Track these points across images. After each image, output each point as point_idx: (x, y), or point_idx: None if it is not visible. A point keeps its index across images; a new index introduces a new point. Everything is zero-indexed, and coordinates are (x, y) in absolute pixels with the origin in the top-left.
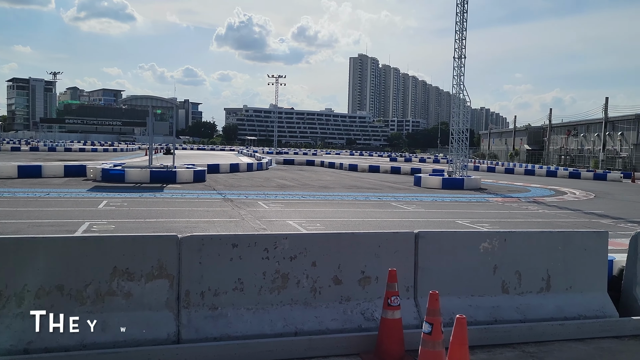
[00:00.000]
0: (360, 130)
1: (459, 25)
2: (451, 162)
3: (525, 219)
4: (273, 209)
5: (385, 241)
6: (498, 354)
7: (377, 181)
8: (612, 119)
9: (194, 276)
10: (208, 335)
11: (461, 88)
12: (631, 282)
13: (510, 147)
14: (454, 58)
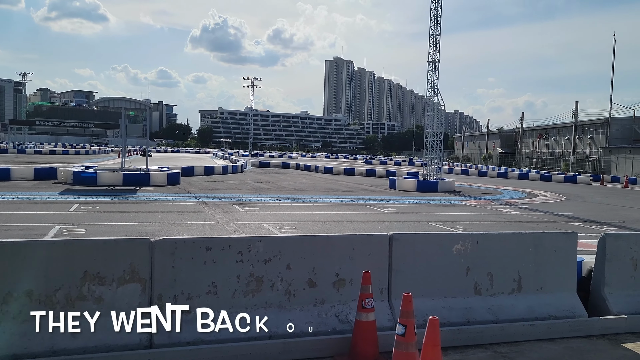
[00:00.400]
0: (336, 133)
1: (433, 29)
2: (426, 164)
3: (498, 221)
4: (248, 212)
5: (360, 243)
6: (471, 355)
7: (352, 184)
8: (582, 123)
9: (166, 280)
10: (181, 340)
11: (435, 92)
12: (599, 283)
13: (484, 150)
14: (428, 62)
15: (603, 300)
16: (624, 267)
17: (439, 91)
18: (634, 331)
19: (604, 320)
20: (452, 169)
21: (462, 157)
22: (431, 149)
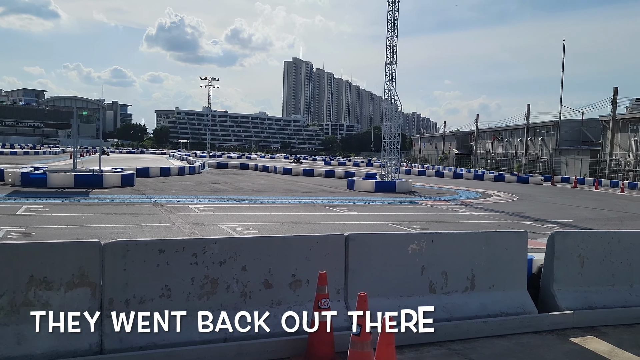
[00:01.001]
0: (295, 134)
1: (391, 31)
2: (384, 165)
3: (453, 221)
4: (205, 214)
5: (316, 244)
6: (425, 353)
7: (311, 185)
8: (534, 125)
9: (118, 284)
10: (133, 345)
11: (393, 93)
12: (549, 280)
13: (440, 151)
14: (385, 64)
15: (552, 296)
16: (572, 264)
17: (396, 93)
18: (581, 326)
19: (552, 316)
20: (409, 170)
21: (420, 158)
22: (389, 150)
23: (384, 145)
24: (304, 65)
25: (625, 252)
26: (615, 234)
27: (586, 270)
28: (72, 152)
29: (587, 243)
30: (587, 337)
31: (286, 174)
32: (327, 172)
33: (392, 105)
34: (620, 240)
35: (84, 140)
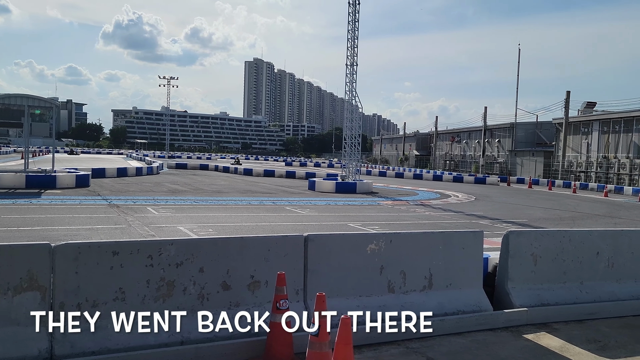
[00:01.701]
0: (256, 135)
1: (351, 33)
2: (344, 166)
3: (412, 221)
4: (163, 215)
5: (275, 245)
6: (384, 352)
7: (272, 185)
8: (491, 127)
9: (69, 287)
10: (85, 350)
11: (353, 94)
12: (504, 278)
13: (401, 152)
14: (346, 65)
15: (507, 294)
16: (526, 263)
17: (357, 94)
18: (534, 322)
19: (507, 313)
20: (370, 171)
21: (380, 159)
22: (350, 150)
23: (345, 146)
24: (265, 66)
25: (576, 250)
26: (566, 232)
27: (539, 269)
28: (24, 152)
29: (540, 242)
30: (540, 334)
31: (247, 175)
32: (288, 172)
33: (352, 106)
34: (571, 239)
35: (36, 140)
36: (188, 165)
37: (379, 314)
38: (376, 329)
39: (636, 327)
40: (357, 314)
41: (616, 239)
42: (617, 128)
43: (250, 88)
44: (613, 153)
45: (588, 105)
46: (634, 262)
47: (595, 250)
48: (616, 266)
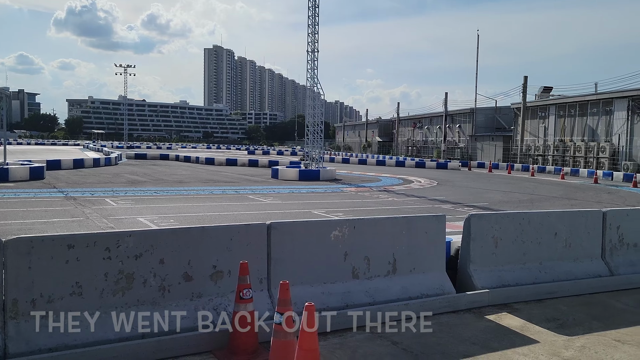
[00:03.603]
0: (218, 123)
1: (312, 19)
2: (308, 154)
3: (376, 207)
4: (122, 206)
5: (237, 234)
6: (349, 337)
7: (234, 174)
8: (451, 112)
9: (22, 283)
10: (42, 347)
11: (315, 81)
12: (466, 261)
13: (363, 139)
14: (307, 52)
15: (469, 276)
16: (487, 245)
17: (318, 81)
18: (495, 303)
19: (469, 295)
20: (333, 158)
21: (343, 146)
22: (312, 138)
23: (308, 134)
24: (225, 53)
25: (535, 231)
26: (525, 214)
27: (500, 250)
28: None
29: (500, 224)
30: (501, 314)
31: (209, 164)
32: (251, 161)
33: (314, 93)
34: (530, 221)
35: None
36: (148, 155)
37: (344, 300)
38: (342, 315)
39: (592, 304)
40: (322, 300)
41: (573, 219)
42: (572, 112)
43: (210, 76)
44: (569, 136)
45: (544, 90)
46: (589, 242)
47: (553, 231)
48: (573, 246)
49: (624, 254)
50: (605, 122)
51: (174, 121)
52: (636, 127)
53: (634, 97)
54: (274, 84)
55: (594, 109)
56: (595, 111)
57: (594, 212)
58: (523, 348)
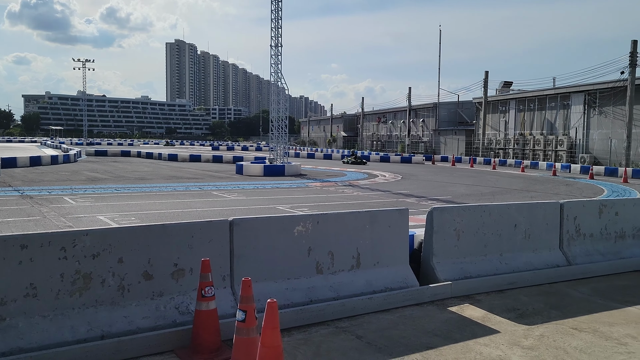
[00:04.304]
0: (181, 119)
1: (275, 14)
2: (272, 149)
3: (341, 202)
4: (81, 205)
5: (199, 231)
6: (314, 332)
7: (198, 170)
8: (415, 107)
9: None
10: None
11: (279, 76)
12: (429, 254)
13: (328, 133)
14: (271, 46)
15: (432, 269)
16: (449, 238)
17: (282, 76)
18: (458, 295)
19: (432, 287)
20: (298, 153)
21: (308, 141)
22: (277, 133)
23: (272, 129)
24: (188, 48)
25: (495, 223)
26: (486, 207)
27: (462, 243)
28: None
29: (462, 217)
30: (464, 305)
31: (172, 160)
32: (215, 157)
33: (279, 88)
34: (491, 213)
35: None
36: (108, 152)
37: (308, 296)
38: (305, 311)
39: (551, 294)
40: (286, 296)
41: (532, 211)
42: (531, 106)
43: (172, 71)
44: (529, 130)
45: (505, 85)
46: (548, 233)
47: (513, 223)
48: (532, 237)
49: (580, 244)
50: (563, 116)
51: (135, 117)
52: (592, 120)
53: (590, 92)
54: (238, 79)
55: (552, 103)
56: (553, 105)
57: (552, 204)
58: (484, 338)
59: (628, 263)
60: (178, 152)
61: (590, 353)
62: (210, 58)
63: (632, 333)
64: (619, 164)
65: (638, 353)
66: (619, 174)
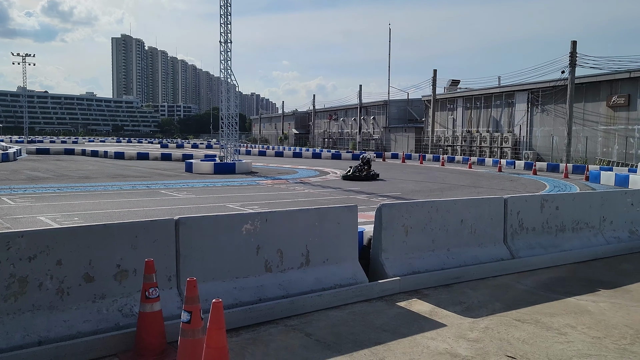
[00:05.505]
0: (128, 116)
1: (224, 9)
2: (223, 147)
3: (292, 199)
4: (20, 205)
5: (143, 230)
6: (263, 332)
7: (146, 169)
8: (366, 104)
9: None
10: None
11: (229, 73)
12: (378, 250)
13: (280, 131)
14: (220, 42)
15: (381, 265)
16: (398, 234)
17: (232, 73)
18: (406, 290)
19: (381, 283)
20: (249, 150)
21: (260, 139)
22: (227, 130)
23: (223, 126)
24: (135, 43)
25: (442, 219)
26: (434, 203)
27: (410, 239)
28: None
29: (410, 213)
30: (412, 300)
31: (118, 159)
32: (164, 155)
33: (229, 85)
34: (438, 209)
35: None
36: (51, 150)
37: (257, 294)
38: (254, 310)
39: (495, 287)
40: (234, 296)
41: (478, 206)
42: (478, 104)
43: (119, 67)
44: (475, 127)
45: (453, 83)
46: (492, 227)
47: (459, 218)
48: (478, 232)
49: (523, 238)
50: (507, 114)
51: (80, 114)
52: (535, 118)
53: (533, 90)
54: (187, 76)
55: (497, 101)
56: (498, 103)
57: (497, 199)
58: (431, 332)
59: (568, 255)
60: (125, 149)
61: (532, 343)
62: (158, 54)
63: (571, 323)
64: (561, 160)
65: (577, 342)
66: (560, 170)
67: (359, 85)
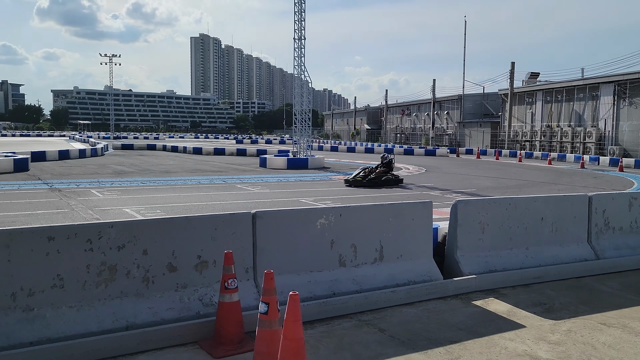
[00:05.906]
0: (205, 113)
1: (298, 6)
2: (296, 142)
3: (364, 195)
4: (108, 198)
5: (222, 223)
6: (336, 325)
7: (222, 164)
8: (439, 99)
9: (1, 276)
10: (23, 341)
11: (302, 69)
12: (453, 247)
13: (352, 126)
14: (294, 39)
15: (456, 263)
16: (474, 231)
17: (306, 69)
18: (482, 289)
19: (457, 281)
20: (322, 146)
21: (332, 134)
22: (300, 126)
23: (296, 122)
24: (212, 42)
25: (521, 217)
26: (512, 200)
27: (487, 236)
28: None
29: (487, 210)
30: (488, 299)
31: (196, 154)
32: (239, 150)
33: (302, 81)
34: (517, 206)
35: None
36: (134, 145)
37: (331, 288)
38: (328, 304)
39: (578, 288)
40: (309, 289)
41: (559, 204)
42: (559, 97)
43: (197, 65)
44: (556, 122)
45: (532, 76)
46: (575, 226)
47: (539, 216)
48: (559, 230)
49: (609, 238)
50: (591, 107)
51: (161, 111)
52: (622, 111)
53: (620, 82)
54: (261, 73)
55: (580, 94)
56: (581, 96)
57: (580, 197)
58: (510, 333)
59: None
60: (202, 145)
61: (619, 349)
62: (234, 52)
63: None
64: None
65: None
66: None
67: (432, 79)
